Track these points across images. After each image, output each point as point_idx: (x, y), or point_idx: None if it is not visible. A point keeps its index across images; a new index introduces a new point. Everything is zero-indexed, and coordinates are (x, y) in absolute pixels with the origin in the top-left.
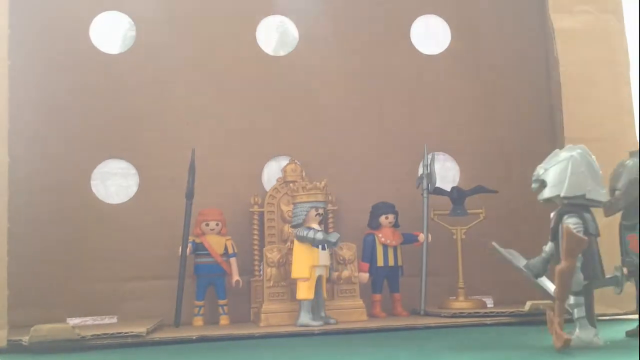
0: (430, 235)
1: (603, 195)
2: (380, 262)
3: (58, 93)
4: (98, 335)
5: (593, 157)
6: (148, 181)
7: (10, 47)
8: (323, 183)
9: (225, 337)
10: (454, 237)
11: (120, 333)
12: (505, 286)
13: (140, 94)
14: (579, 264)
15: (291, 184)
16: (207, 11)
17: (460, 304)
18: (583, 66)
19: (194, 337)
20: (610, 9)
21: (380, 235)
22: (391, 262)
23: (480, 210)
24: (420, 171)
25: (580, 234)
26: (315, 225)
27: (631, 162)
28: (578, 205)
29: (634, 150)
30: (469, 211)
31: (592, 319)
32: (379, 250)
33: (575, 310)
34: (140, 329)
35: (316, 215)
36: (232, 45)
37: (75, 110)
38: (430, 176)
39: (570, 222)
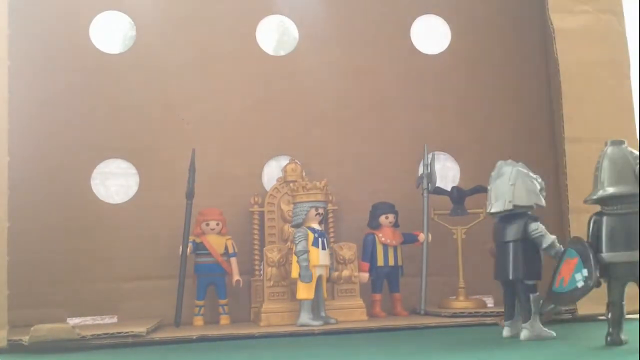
0: (430, 235)
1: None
2: (380, 262)
3: (58, 92)
4: (98, 335)
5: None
6: (148, 181)
7: (10, 47)
8: (323, 183)
9: (225, 336)
10: (454, 236)
11: (120, 333)
12: None
13: (140, 94)
14: None
15: (291, 184)
16: (207, 11)
17: (461, 303)
18: (583, 66)
19: (194, 337)
20: (610, 9)
21: (380, 235)
22: (391, 262)
23: (481, 210)
24: (421, 171)
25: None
26: (316, 225)
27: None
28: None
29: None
30: (469, 211)
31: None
32: (379, 250)
33: None
34: (140, 329)
35: (316, 215)
36: (232, 45)
37: (76, 110)
38: (430, 176)
39: None
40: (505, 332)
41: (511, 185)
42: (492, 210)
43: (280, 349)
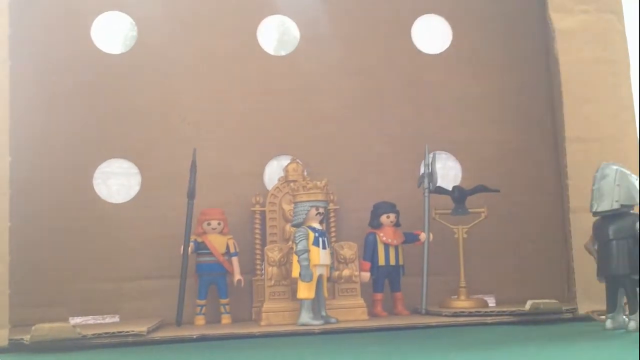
0: (431, 235)
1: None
2: (381, 262)
3: (60, 93)
4: (99, 334)
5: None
6: (150, 181)
7: (12, 47)
8: (323, 182)
9: (225, 336)
10: (456, 236)
11: (120, 332)
12: (507, 285)
13: (141, 94)
14: None
15: (292, 183)
16: (208, 11)
17: (462, 303)
18: (583, 65)
19: (195, 336)
20: (610, 9)
21: (381, 234)
22: (392, 262)
23: (482, 209)
24: (422, 170)
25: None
26: (316, 225)
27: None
28: None
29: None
30: (470, 210)
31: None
32: (380, 249)
33: None
34: (141, 328)
35: (317, 214)
36: (233, 45)
37: (77, 110)
38: (431, 175)
39: None
40: (608, 324)
41: (617, 185)
42: (599, 210)
43: (280, 349)
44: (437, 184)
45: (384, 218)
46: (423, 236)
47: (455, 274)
